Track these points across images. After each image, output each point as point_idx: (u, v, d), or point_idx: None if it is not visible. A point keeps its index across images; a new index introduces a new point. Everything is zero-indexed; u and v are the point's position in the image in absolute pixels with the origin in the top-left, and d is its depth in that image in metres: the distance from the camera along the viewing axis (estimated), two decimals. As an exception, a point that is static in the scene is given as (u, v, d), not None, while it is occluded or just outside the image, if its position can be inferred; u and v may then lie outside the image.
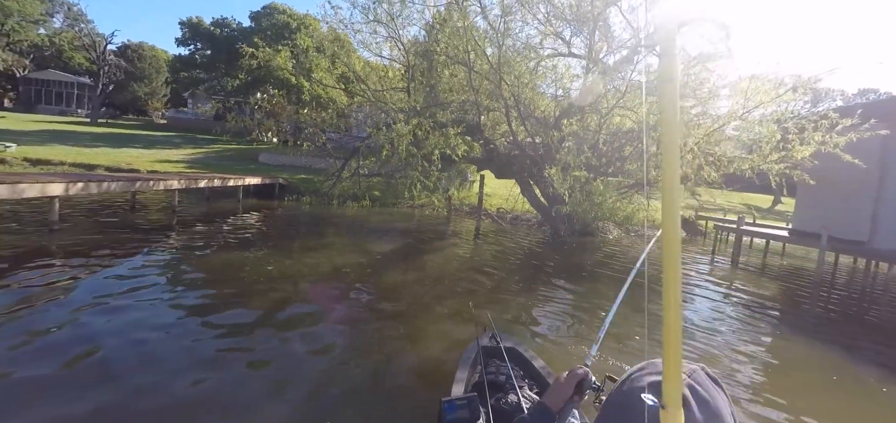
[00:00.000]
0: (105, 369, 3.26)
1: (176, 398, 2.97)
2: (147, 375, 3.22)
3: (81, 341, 3.62)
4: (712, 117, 10.58)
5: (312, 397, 3.13)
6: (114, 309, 4.32)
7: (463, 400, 1.89)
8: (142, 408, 2.83)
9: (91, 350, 3.48)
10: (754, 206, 25.91)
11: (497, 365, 2.64)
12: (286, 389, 3.19)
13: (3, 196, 5.88)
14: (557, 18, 11.04)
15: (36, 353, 3.37)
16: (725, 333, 5.35)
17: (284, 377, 3.34)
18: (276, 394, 3.10)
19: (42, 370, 3.14)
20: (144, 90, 48.22)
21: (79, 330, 3.81)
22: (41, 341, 3.55)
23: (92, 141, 25.05)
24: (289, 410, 2.94)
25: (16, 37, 39.44)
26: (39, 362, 3.25)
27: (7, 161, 17.43)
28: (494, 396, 2.32)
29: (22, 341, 3.51)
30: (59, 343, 3.55)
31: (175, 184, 9.73)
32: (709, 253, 12.04)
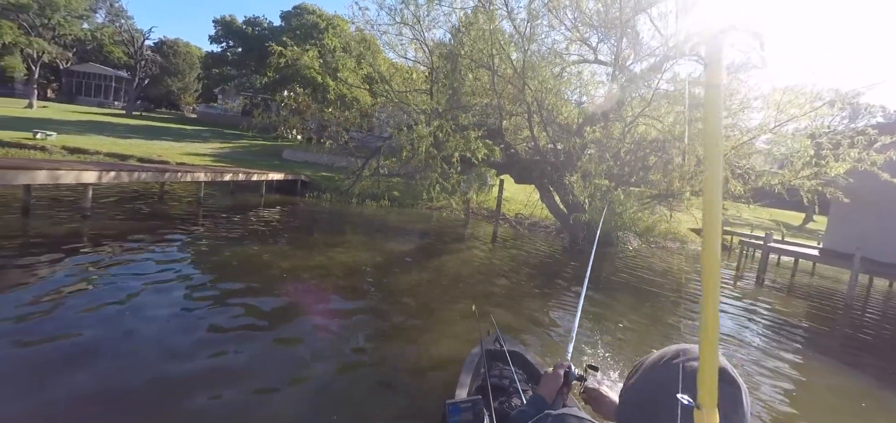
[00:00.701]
0: (126, 346, 3.39)
1: (182, 383, 3.06)
2: (159, 354, 3.33)
3: (105, 321, 3.78)
4: (742, 130, 10.28)
5: (316, 394, 3.17)
6: (137, 293, 4.48)
7: (467, 403, 1.91)
8: (148, 382, 2.93)
9: (114, 329, 3.62)
10: (784, 223, 24.98)
11: (500, 369, 2.65)
12: (291, 385, 3.24)
13: (42, 182, 6.18)
14: (584, 24, 10.93)
15: (64, 328, 3.53)
16: (748, 352, 5.18)
17: (289, 374, 3.38)
18: (280, 390, 3.15)
19: (71, 346, 3.29)
20: (177, 85, 49.89)
21: (102, 311, 3.97)
22: (69, 318, 3.72)
23: (126, 132, 26.06)
24: (293, 406, 2.99)
25: (61, 31, 41.35)
26: (69, 338, 3.40)
27: (47, 149, 18.30)
28: (498, 399, 2.33)
29: (50, 319, 3.68)
30: (84, 322, 3.71)
31: (202, 176, 10.03)
32: (733, 269, 11.67)
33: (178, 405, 2.81)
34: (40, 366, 3.01)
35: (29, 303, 3.92)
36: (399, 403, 3.17)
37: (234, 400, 2.95)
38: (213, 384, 3.10)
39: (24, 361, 3.06)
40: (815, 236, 20.23)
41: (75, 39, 44.83)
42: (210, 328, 3.96)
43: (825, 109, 9.69)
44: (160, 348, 3.48)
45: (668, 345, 0.94)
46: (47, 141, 19.32)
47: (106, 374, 3.04)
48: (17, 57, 40.48)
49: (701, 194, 8.41)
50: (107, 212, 8.22)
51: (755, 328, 6.38)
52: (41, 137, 19.53)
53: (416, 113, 10.22)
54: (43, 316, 3.72)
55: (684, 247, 14.08)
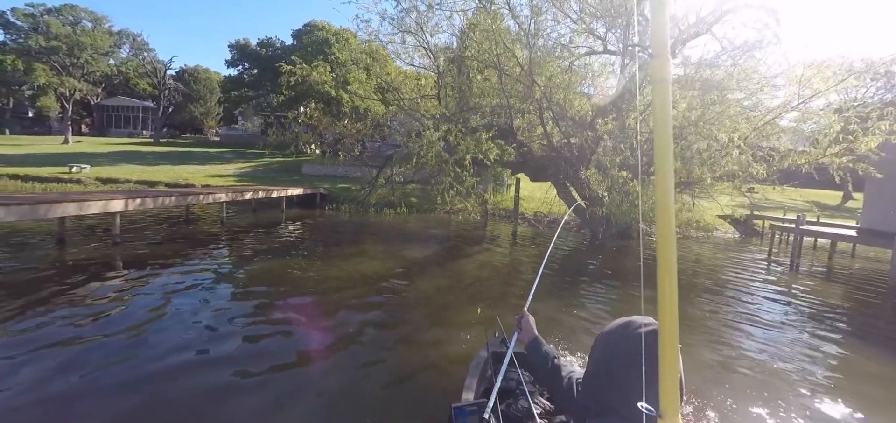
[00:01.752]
0: (157, 364, 3.52)
1: (207, 389, 3.16)
2: (182, 363, 3.45)
3: (138, 343, 3.93)
4: (763, 109, 9.90)
5: (327, 396, 3.23)
6: (166, 313, 4.66)
7: (473, 406, 1.90)
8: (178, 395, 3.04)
9: (146, 348, 3.77)
10: (821, 203, 23.87)
11: (507, 371, 2.63)
12: (303, 387, 3.31)
13: (72, 213, 6.50)
14: (590, 15, 10.74)
15: (98, 352, 3.69)
16: (783, 343, 4.95)
17: (303, 377, 3.47)
18: (292, 392, 3.22)
19: (104, 367, 3.44)
20: (200, 110, 51.69)
21: (134, 331, 4.13)
22: (103, 341, 3.89)
23: (154, 159, 27.13)
24: (300, 407, 3.05)
25: (90, 68, 43.53)
26: (101, 359, 3.55)
27: (82, 181, 19.22)
28: (504, 401, 2.31)
29: (87, 341, 3.85)
30: (117, 344, 3.87)
31: (223, 197, 10.34)
32: (765, 255, 11.19)
33: (200, 406, 2.91)
34: (76, 385, 3.16)
35: (64, 325, 4.12)
36: (408, 406, 3.19)
37: (250, 401, 3.03)
38: (234, 388, 3.19)
39: (60, 384, 3.21)
40: (854, 216, 19.26)
41: (103, 75, 47.04)
42: (230, 339, 4.08)
43: (853, 80, 9.25)
44: (184, 360, 3.60)
45: (683, 337, 0.97)
46: (82, 174, 20.31)
47: (137, 389, 3.16)
48: (51, 97, 42.75)
49: (724, 179, 8.08)
50: (136, 237, 8.57)
51: (791, 317, 6.11)
52: (76, 171, 20.55)
53: (426, 119, 10.27)
54: (78, 340, 3.90)
55: (709, 235, 13.62)
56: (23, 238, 7.92)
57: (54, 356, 3.63)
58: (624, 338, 1.05)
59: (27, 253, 6.98)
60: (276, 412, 3.03)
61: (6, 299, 4.82)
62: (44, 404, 2.98)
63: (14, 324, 4.20)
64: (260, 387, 3.35)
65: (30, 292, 5.11)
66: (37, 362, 3.52)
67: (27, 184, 18.54)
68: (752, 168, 8.55)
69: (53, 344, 3.83)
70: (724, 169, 8.89)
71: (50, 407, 2.95)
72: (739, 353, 4.55)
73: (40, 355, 3.63)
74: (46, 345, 3.80)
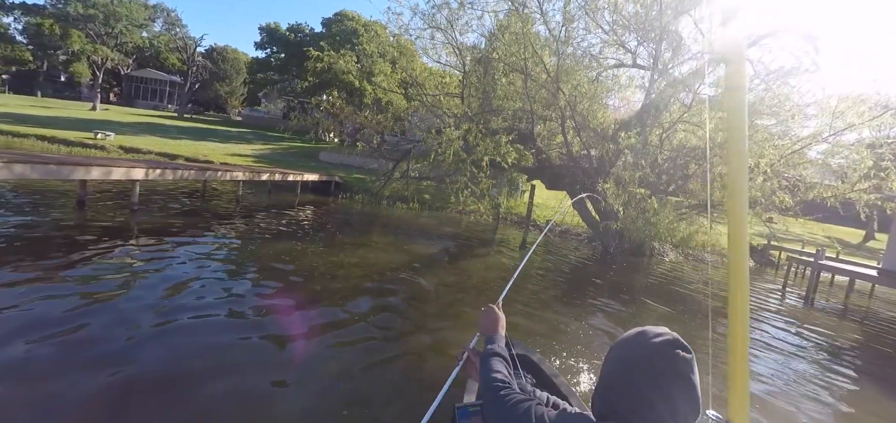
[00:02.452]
0: (163, 333, 3.57)
1: (205, 371, 3.18)
2: (185, 341, 3.48)
3: (145, 309, 3.99)
4: (793, 138, 9.65)
5: (327, 391, 3.20)
6: (173, 281, 4.73)
7: (476, 406, 1.86)
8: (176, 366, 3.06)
9: (152, 315, 3.82)
10: (840, 239, 23.20)
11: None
12: (304, 380, 3.28)
13: (95, 177, 6.65)
14: (622, 27, 10.62)
15: (106, 316, 3.76)
16: (790, 377, 4.81)
17: (303, 370, 3.44)
18: (293, 385, 3.21)
19: (113, 331, 3.50)
20: (225, 89, 52.58)
21: (143, 299, 4.20)
22: (112, 306, 3.96)
23: (177, 134, 27.66)
24: (303, 402, 3.03)
25: (123, 39, 44.68)
26: (109, 325, 3.62)
27: (106, 148, 19.69)
28: None
29: (98, 305, 3.93)
30: (124, 308, 3.93)
31: (240, 175, 10.47)
32: (779, 287, 10.90)
33: (195, 392, 2.93)
34: (83, 347, 3.22)
35: (77, 288, 4.21)
36: (410, 404, 3.16)
37: (250, 393, 3.03)
38: (230, 373, 3.21)
39: (68, 343, 3.28)
40: (875, 256, 18.67)
41: (135, 47, 48.23)
42: (231, 318, 4.11)
43: (889, 117, 8.95)
44: (187, 336, 3.64)
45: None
46: (106, 141, 20.81)
47: (137, 356, 3.21)
48: (84, 63, 43.92)
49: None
50: (153, 206, 8.73)
51: (802, 351, 5.93)
52: (101, 137, 21.05)
53: (448, 117, 10.26)
54: (90, 301, 3.98)
55: (724, 260, 13.32)
56: (46, 198, 8.14)
57: (57, 317, 3.70)
58: (640, 347, 1.05)
59: (48, 212, 7.17)
60: (270, 403, 3.03)
61: (24, 255, 4.95)
62: (41, 363, 3.04)
63: (25, 281, 4.30)
64: (255, 374, 3.35)
65: (47, 251, 5.23)
66: (39, 323, 3.59)
67: (53, 145, 19.06)
68: (775, 196, 8.33)
69: (58, 306, 3.91)
70: (726, 195, 8.69)
71: (49, 367, 3.01)
72: (750, 383, 4.42)
73: (42, 315, 3.70)
74: (51, 304, 3.88)
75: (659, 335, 1.04)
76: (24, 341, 3.16)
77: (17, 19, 44.20)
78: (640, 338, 1.07)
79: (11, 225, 6.00)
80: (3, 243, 5.18)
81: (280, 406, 2.90)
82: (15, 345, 3.09)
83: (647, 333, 1.07)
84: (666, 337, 1.03)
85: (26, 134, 20.41)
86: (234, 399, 2.91)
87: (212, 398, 2.88)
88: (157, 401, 2.78)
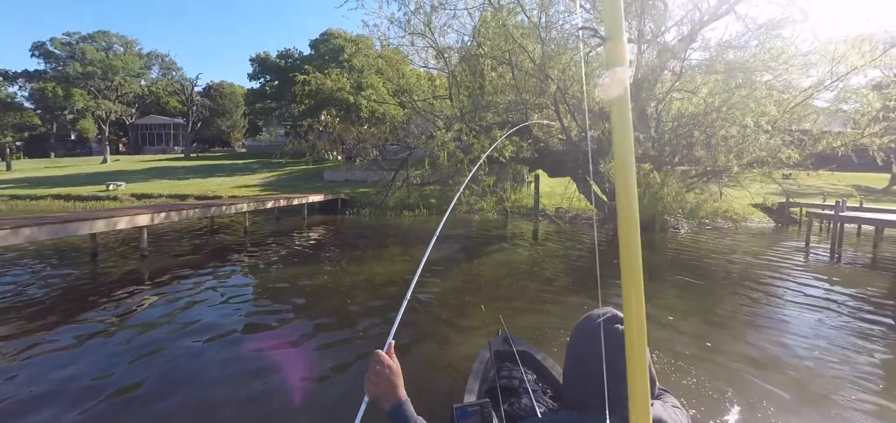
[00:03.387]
0: (177, 375, 3.60)
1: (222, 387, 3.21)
2: (196, 370, 3.51)
3: (160, 351, 4.04)
4: (795, 90, 9.37)
5: (327, 392, 3.21)
6: (188, 323, 4.79)
7: (475, 406, 1.89)
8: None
9: (169, 358, 3.87)
10: (865, 187, 22.46)
11: (509, 369, 2.60)
12: (304, 381, 3.30)
13: (100, 229, 6.79)
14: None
15: (124, 361, 3.81)
16: (821, 338, 4.62)
17: (305, 371, 3.48)
18: (293, 386, 3.23)
19: (129, 375, 3.55)
20: (227, 124, 53.30)
21: (157, 342, 4.25)
22: (131, 350, 4.01)
23: (185, 174, 28.17)
24: (303, 403, 3.04)
25: (123, 90, 45.74)
26: (128, 368, 3.67)
27: (118, 197, 20.15)
28: (507, 401, 2.30)
29: (118, 351, 3.99)
30: (139, 354, 3.99)
31: (245, 207, 10.60)
32: (802, 245, 10.56)
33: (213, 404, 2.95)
34: (101, 396, 3.27)
35: (92, 337, 4.28)
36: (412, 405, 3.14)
37: (253, 396, 3.05)
38: (243, 383, 3.22)
39: (89, 390, 3.33)
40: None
41: (136, 96, 49.30)
42: (240, 339, 4.14)
43: (890, 55, 8.63)
44: (197, 368, 3.67)
45: (713, 337, 1.05)
46: (118, 191, 21.29)
47: (158, 397, 3.24)
48: (90, 119, 45.04)
49: (753, 167, 7.66)
50: (163, 249, 8.87)
51: (832, 310, 5.70)
52: (113, 188, 21.55)
53: (439, 119, 10.25)
54: (103, 348, 4.05)
55: (738, 225, 13.00)
56: (61, 254, 8.33)
57: (72, 365, 3.76)
58: (585, 332, 1.10)
59: (62, 268, 7.33)
60: (277, 405, 3.05)
61: (39, 311, 5.06)
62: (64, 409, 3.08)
63: (37, 334, 4.39)
64: (263, 381, 3.38)
65: (61, 304, 5.35)
66: (54, 371, 3.65)
67: (68, 203, 19.58)
68: (781, 153, 8.09)
69: (70, 354, 3.97)
70: (751, 155, 8.46)
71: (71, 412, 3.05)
72: (773, 348, 4.28)
73: (56, 366, 3.77)
74: (65, 355, 3.95)
75: (601, 315, 1.08)
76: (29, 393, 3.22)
77: (22, 86, 45.58)
78: (586, 323, 1.11)
79: (28, 283, 6.15)
80: (23, 301, 5.31)
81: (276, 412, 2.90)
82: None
83: (592, 316, 1.11)
84: (607, 315, 1.08)
85: (43, 195, 21.02)
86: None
87: None
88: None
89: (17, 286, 6.22)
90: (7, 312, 5.14)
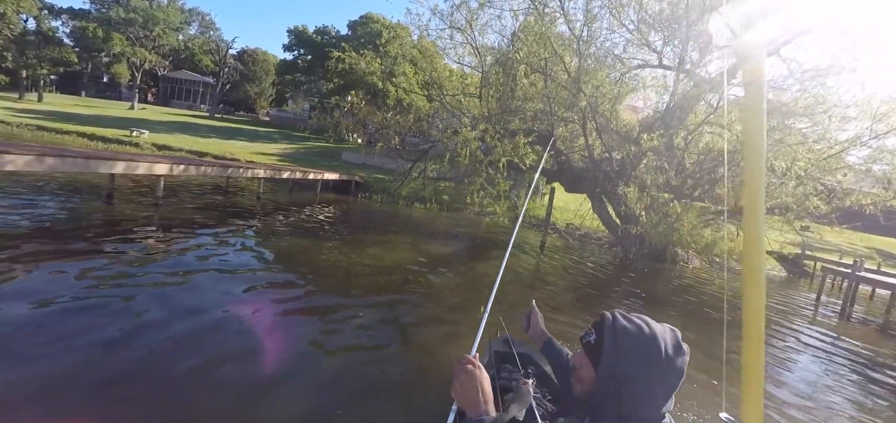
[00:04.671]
0: (161, 329, 3.64)
1: (209, 362, 3.22)
2: (192, 332, 3.54)
3: (159, 300, 4.10)
4: (830, 141, 9.10)
5: (327, 390, 3.18)
6: (190, 274, 4.84)
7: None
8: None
9: (156, 309, 3.92)
10: (886, 252, 21.81)
11: (509, 370, 2.58)
12: (303, 378, 3.27)
13: (120, 171, 6.92)
14: (648, 26, 10.28)
15: (123, 305, 3.87)
16: (821, 390, 4.51)
17: (303, 367, 3.43)
18: (291, 382, 3.19)
19: (127, 319, 3.61)
20: (254, 90, 54.11)
21: (159, 290, 4.31)
22: (129, 294, 4.07)
23: (207, 132, 28.62)
24: (302, 400, 3.01)
25: (160, 41, 46.67)
26: (125, 312, 3.72)
27: (140, 145, 20.53)
28: (506, 401, 2.22)
29: (118, 292, 4.05)
30: (143, 300, 4.04)
31: (260, 173, 10.70)
32: (813, 299, 10.30)
33: (177, 381, 2.96)
34: (99, 332, 3.32)
35: (99, 276, 4.36)
36: (410, 403, 3.12)
37: (247, 387, 3.05)
38: (232, 366, 3.23)
39: (85, 328, 3.38)
40: (924, 269, 17.42)
41: (171, 49, 50.26)
42: (238, 311, 4.16)
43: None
44: (192, 326, 3.70)
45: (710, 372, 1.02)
46: (141, 138, 21.71)
47: (151, 346, 3.28)
48: (124, 65, 46.06)
49: (775, 213, 7.45)
50: (177, 201, 9.01)
51: (836, 364, 5.55)
52: (136, 135, 21.99)
53: (466, 117, 10.21)
54: (111, 288, 4.11)
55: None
56: (79, 191, 8.52)
57: (73, 304, 3.83)
58: (641, 341, 1.04)
59: (79, 204, 7.50)
60: (268, 397, 3.03)
61: (51, 242, 5.17)
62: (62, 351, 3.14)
63: (48, 267, 4.48)
64: (257, 368, 3.38)
65: (73, 239, 5.46)
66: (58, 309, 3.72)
67: (93, 142, 20.03)
68: (808, 202, 7.87)
69: (73, 293, 4.05)
70: (776, 200, 8.25)
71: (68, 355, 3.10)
72: (773, 395, 4.16)
73: (65, 301, 3.84)
74: (70, 291, 4.02)
75: (662, 330, 1.08)
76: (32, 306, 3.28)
77: (65, 23, 46.78)
78: (641, 332, 1.07)
79: (47, 211, 6.30)
80: (40, 228, 5.44)
81: (276, 400, 2.90)
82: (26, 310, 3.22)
83: (648, 326, 1.08)
84: (669, 331, 1.08)
85: (69, 131, 21.54)
86: (228, 390, 2.93)
87: (198, 385, 2.91)
88: (151, 385, 2.83)
89: (35, 212, 6.37)
90: (22, 236, 5.27)
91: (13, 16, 37.71)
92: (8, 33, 37.37)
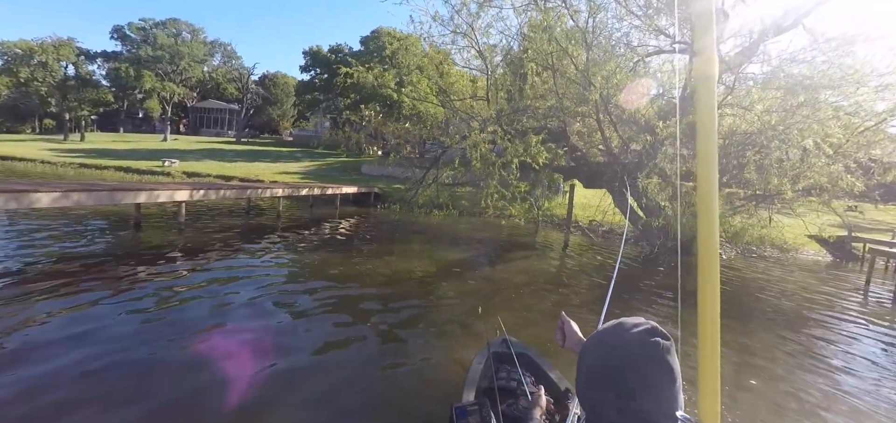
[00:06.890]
0: (174, 347, 3.72)
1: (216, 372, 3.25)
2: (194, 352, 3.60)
3: (188, 319, 4.20)
4: (866, 114, 8.49)
5: (327, 390, 3.19)
6: (215, 293, 4.97)
7: (473, 406, 1.98)
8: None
9: (171, 326, 4.00)
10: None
11: (508, 371, 2.63)
12: (304, 379, 3.28)
13: (142, 201, 7.20)
14: (656, 11, 9.94)
15: (153, 324, 3.98)
16: (869, 385, 4.16)
17: (306, 369, 3.46)
18: (292, 383, 3.21)
19: (156, 335, 3.71)
20: (277, 112, 55.73)
21: (188, 309, 4.42)
22: (161, 314, 4.19)
23: (234, 157, 29.62)
24: (303, 401, 3.01)
25: (187, 74, 48.88)
26: (159, 331, 3.83)
27: (172, 174, 21.45)
28: (505, 401, 2.34)
29: (145, 314, 4.18)
30: (172, 317, 4.15)
31: (280, 192, 10.94)
32: (861, 284, 9.57)
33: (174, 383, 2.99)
34: (136, 355, 3.42)
35: (127, 298, 4.52)
36: (410, 405, 3.09)
37: (255, 390, 3.06)
38: (239, 370, 3.26)
39: (125, 350, 3.49)
40: None
41: (198, 81, 52.50)
42: (248, 324, 4.21)
43: None
44: (198, 338, 3.76)
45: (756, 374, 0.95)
46: (172, 167, 22.68)
47: (158, 370, 3.35)
48: (155, 99, 48.44)
49: (810, 194, 7.00)
50: (199, 225, 9.30)
51: (888, 359, 5.12)
52: (167, 165, 22.98)
53: (475, 121, 10.12)
54: (137, 310, 4.25)
55: (786, 255, 11.95)
56: (110, 221, 8.93)
57: (85, 332, 3.96)
58: (618, 340, 0.96)
59: (108, 234, 7.85)
60: (278, 396, 3.04)
61: (78, 271, 5.41)
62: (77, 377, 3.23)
63: (78, 286, 4.67)
64: (264, 370, 3.40)
65: (106, 267, 5.69)
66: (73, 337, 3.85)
67: (128, 175, 21.08)
68: (842, 181, 7.33)
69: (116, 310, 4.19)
70: (809, 180, 7.74)
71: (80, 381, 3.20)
72: (822, 393, 3.86)
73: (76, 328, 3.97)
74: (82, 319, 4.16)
75: (637, 326, 0.97)
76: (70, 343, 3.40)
77: (100, 66, 49.70)
78: (618, 330, 0.98)
79: (80, 244, 6.62)
80: (75, 261, 5.72)
81: (274, 409, 2.89)
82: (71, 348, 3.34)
83: (624, 324, 0.99)
84: (644, 327, 0.95)
85: (107, 166, 22.75)
86: (236, 397, 2.94)
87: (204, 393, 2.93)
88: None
89: (76, 241, 6.69)
90: (67, 260, 5.53)
91: (54, 64, 40.36)
92: (51, 81, 40.02)
